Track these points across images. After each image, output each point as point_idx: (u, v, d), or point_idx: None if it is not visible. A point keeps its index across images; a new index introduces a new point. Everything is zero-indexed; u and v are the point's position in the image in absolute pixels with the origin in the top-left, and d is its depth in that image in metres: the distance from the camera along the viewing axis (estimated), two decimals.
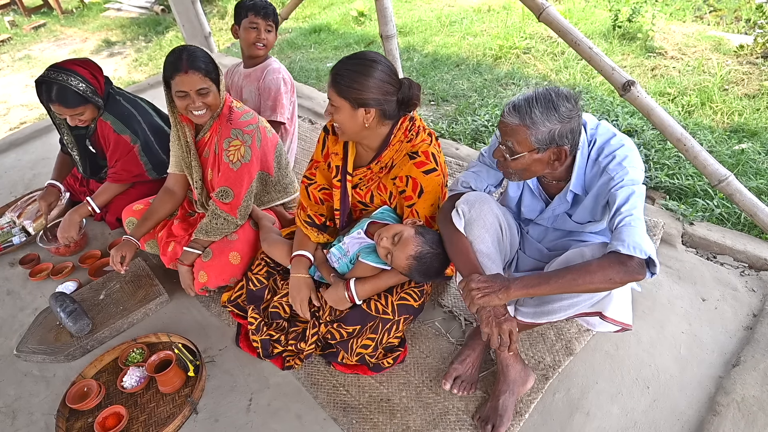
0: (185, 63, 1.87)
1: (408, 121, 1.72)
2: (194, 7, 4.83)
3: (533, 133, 1.37)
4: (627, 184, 1.38)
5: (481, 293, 1.42)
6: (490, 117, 3.42)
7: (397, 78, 1.63)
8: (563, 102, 1.36)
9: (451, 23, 5.37)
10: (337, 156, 1.81)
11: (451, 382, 1.72)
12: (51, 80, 2.19)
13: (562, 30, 2.14)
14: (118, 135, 2.42)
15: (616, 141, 1.46)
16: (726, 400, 1.59)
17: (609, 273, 1.30)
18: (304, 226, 1.94)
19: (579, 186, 1.53)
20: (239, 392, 1.86)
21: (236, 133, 2.00)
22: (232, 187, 2.03)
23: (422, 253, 1.63)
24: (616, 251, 1.31)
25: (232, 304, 2.06)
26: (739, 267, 2.10)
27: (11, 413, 1.92)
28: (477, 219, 1.56)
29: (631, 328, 1.56)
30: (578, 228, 1.66)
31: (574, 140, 1.42)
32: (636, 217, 1.34)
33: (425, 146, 1.70)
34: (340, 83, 1.57)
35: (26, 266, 2.64)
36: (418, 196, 1.70)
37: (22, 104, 5.71)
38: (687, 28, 4.40)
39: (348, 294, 1.74)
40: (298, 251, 1.91)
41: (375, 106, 1.59)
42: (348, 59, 1.60)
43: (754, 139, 2.92)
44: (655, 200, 2.52)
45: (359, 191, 1.84)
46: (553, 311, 1.51)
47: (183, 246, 2.12)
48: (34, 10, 9.39)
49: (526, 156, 1.42)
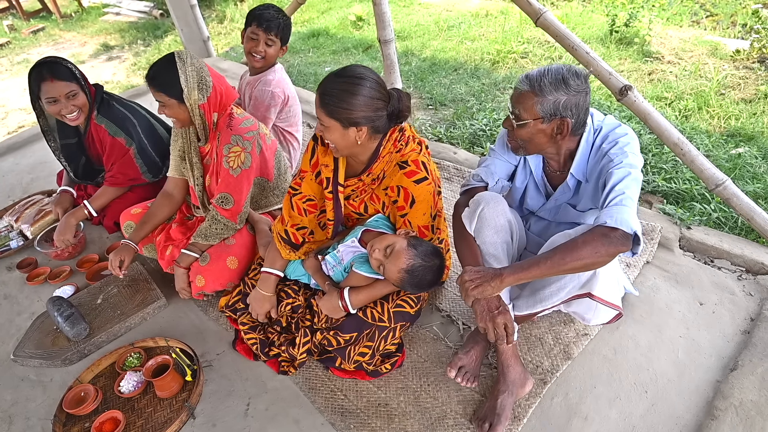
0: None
1: (397, 132, 1.71)
2: (193, 11, 4.85)
3: (540, 101, 1.42)
4: (624, 165, 1.42)
5: (475, 284, 1.44)
6: (488, 121, 3.43)
7: (385, 91, 1.60)
8: (573, 77, 1.42)
9: (449, 28, 5.39)
10: (328, 168, 1.78)
11: (456, 370, 1.73)
12: (42, 61, 2.22)
13: (560, 35, 2.15)
14: (113, 138, 2.43)
15: (621, 130, 1.52)
16: (724, 404, 1.59)
17: (595, 245, 1.32)
18: (278, 240, 1.91)
19: (581, 171, 1.57)
20: (237, 397, 1.85)
21: (236, 140, 2.00)
22: (232, 194, 2.02)
23: (414, 267, 1.62)
24: (602, 224, 1.34)
25: (229, 309, 2.06)
26: (736, 271, 2.10)
27: (8, 418, 1.91)
28: (489, 219, 1.60)
29: (623, 314, 1.61)
30: (579, 218, 1.69)
31: (578, 116, 1.46)
32: (628, 197, 1.36)
33: (415, 155, 1.68)
34: (329, 104, 1.53)
35: (23, 270, 2.63)
36: (410, 206, 1.69)
37: (20, 108, 5.71)
38: (684, 32, 4.43)
39: (342, 303, 1.74)
40: (267, 268, 1.92)
41: (366, 123, 1.56)
42: (334, 77, 1.56)
43: (750, 143, 2.94)
44: (652, 204, 2.52)
45: (353, 202, 1.83)
46: (545, 297, 1.56)
47: (181, 249, 2.12)
48: (33, 14, 9.40)
49: (531, 124, 1.47)
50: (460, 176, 2.86)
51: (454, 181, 2.83)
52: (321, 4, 7.05)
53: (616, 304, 1.61)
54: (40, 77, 2.20)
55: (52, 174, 2.70)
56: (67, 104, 2.27)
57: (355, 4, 6.73)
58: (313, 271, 1.87)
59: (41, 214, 2.90)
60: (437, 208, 1.77)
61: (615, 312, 1.65)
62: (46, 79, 2.20)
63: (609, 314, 1.66)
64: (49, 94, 2.22)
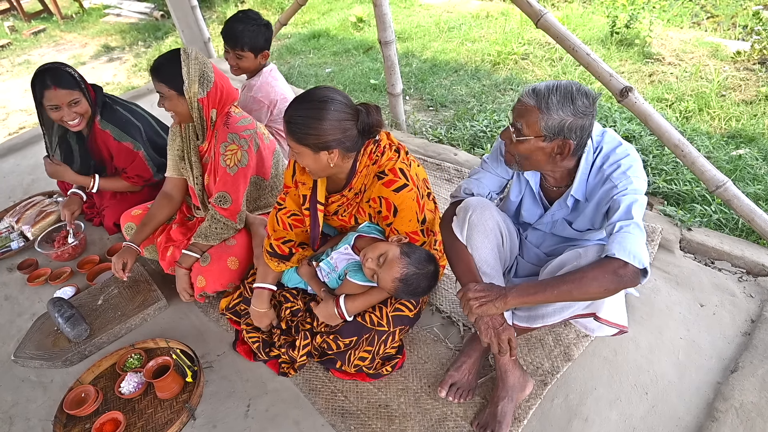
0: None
1: (372, 144, 1.68)
2: (193, 12, 4.86)
3: (544, 119, 1.37)
4: (630, 192, 1.39)
5: (479, 303, 1.42)
6: (489, 122, 3.43)
7: (353, 109, 1.56)
8: (582, 97, 1.36)
9: (450, 29, 5.39)
10: (305, 186, 1.77)
11: (446, 389, 1.72)
12: (46, 68, 2.24)
13: (560, 36, 2.15)
14: (119, 143, 2.44)
15: (622, 150, 1.47)
16: (724, 406, 1.59)
17: (604, 282, 1.31)
18: (266, 255, 1.90)
19: (580, 191, 1.54)
20: (237, 398, 1.85)
21: (233, 138, 2.01)
22: (230, 192, 2.03)
23: (408, 275, 1.61)
24: (613, 256, 1.31)
25: (230, 312, 2.06)
26: (736, 272, 2.10)
27: (8, 419, 1.91)
28: (477, 224, 1.57)
29: (627, 330, 1.58)
30: (577, 236, 1.67)
31: (581, 139, 1.42)
32: (636, 225, 1.34)
33: (391, 164, 1.65)
34: (296, 132, 1.52)
35: (24, 271, 2.63)
36: (394, 215, 1.68)
37: (21, 109, 5.72)
38: (684, 34, 4.42)
39: (338, 311, 1.73)
40: (260, 283, 1.91)
41: (336, 146, 1.54)
42: (298, 104, 1.54)
43: (751, 144, 2.93)
44: (653, 206, 2.52)
45: (342, 217, 1.82)
46: (547, 315, 1.53)
47: (182, 250, 2.12)
48: (33, 16, 9.43)
49: (532, 141, 1.41)
50: (461, 177, 2.86)
51: (455, 183, 2.83)
52: (322, 6, 7.06)
53: (622, 324, 1.56)
54: (43, 85, 2.22)
55: None
56: (69, 111, 2.28)
57: (356, 5, 6.73)
58: (308, 278, 1.86)
59: (42, 215, 2.91)
60: (424, 211, 1.73)
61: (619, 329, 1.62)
62: (49, 87, 2.22)
63: (613, 330, 1.62)
64: (51, 101, 2.24)
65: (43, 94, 2.23)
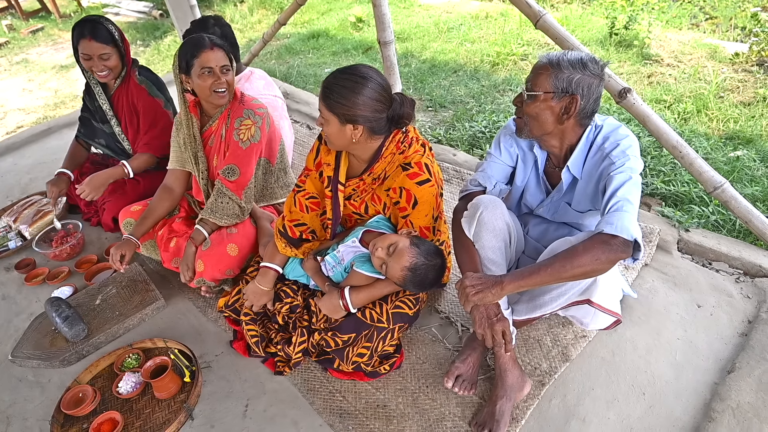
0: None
1: (401, 134, 1.72)
2: (192, 12, 4.84)
3: (555, 75, 1.43)
4: (626, 170, 1.43)
5: (475, 290, 1.44)
6: (488, 123, 3.43)
7: (388, 95, 1.61)
8: (591, 62, 1.45)
9: (449, 30, 5.40)
10: (329, 166, 1.80)
11: (453, 380, 1.73)
12: (86, 19, 2.38)
13: (559, 37, 2.16)
14: (153, 98, 2.55)
15: (623, 131, 1.53)
16: (721, 406, 1.60)
17: (595, 253, 1.33)
18: (276, 235, 1.92)
19: (577, 167, 1.58)
20: (235, 398, 1.85)
21: (248, 113, 2.09)
22: (239, 165, 2.07)
23: (417, 265, 1.63)
24: (602, 231, 1.34)
25: (229, 309, 2.06)
26: (734, 274, 2.11)
27: (5, 419, 1.91)
28: (487, 223, 1.60)
29: (621, 321, 1.63)
30: (578, 219, 1.69)
31: (588, 100, 1.46)
32: (629, 203, 1.37)
33: (418, 157, 1.69)
34: (330, 98, 1.56)
35: (22, 271, 2.63)
36: (413, 207, 1.70)
37: (19, 108, 5.71)
38: (683, 35, 4.44)
39: (343, 302, 1.74)
40: (266, 263, 1.92)
41: (363, 123, 1.59)
42: (340, 73, 1.58)
43: (749, 146, 2.94)
44: (651, 207, 2.53)
45: (353, 202, 1.84)
46: (544, 303, 1.57)
47: (186, 239, 2.15)
48: (32, 14, 9.40)
49: (541, 97, 1.47)
50: (460, 178, 2.86)
51: (454, 183, 2.84)
52: (321, 6, 7.06)
53: (615, 311, 1.61)
54: (81, 34, 2.36)
55: (50, 175, 2.69)
56: (98, 63, 2.41)
57: (355, 5, 6.74)
58: (312, 272, 1.87)
59: (40, 215, 2.90)
60: (439, 209, 1.78)
61: (613, 318, 1.65)
62: (85, 37, 2.36)
63: (607, 320, 1.67)
64: (84, 50, 2.38)
65: (79, 41, 2.37)
